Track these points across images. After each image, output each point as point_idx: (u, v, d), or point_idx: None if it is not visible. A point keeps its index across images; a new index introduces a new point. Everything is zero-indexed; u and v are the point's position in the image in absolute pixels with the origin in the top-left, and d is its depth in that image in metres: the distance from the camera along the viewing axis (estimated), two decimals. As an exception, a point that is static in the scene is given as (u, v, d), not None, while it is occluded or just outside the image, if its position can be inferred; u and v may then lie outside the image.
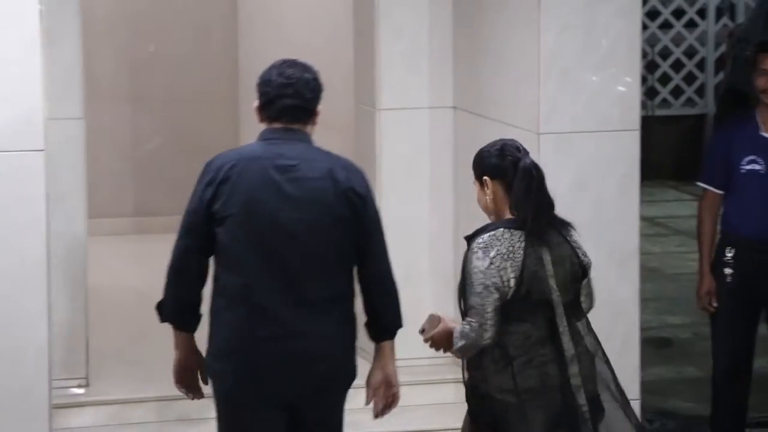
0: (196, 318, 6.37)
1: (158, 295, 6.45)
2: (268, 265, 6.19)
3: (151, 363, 8.74)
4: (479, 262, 6.17)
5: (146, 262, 10.83)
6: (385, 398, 6.43)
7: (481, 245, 6.18)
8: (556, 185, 7.95)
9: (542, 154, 7.95)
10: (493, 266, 6.15)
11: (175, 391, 8.01)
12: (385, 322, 6.39)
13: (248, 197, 6.20)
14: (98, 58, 10.95)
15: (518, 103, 8.11)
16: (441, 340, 6.27)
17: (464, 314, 6.25)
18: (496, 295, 6.15)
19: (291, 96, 6.31)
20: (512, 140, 6.41)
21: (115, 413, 8.25)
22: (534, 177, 6.25)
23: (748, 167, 8.19)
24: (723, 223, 8.32)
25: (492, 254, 6.16)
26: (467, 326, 6.18)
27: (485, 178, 6.29)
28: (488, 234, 6.20)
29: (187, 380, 6.43)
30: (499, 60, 8.32)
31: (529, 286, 6.19)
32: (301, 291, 6.20)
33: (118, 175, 11.50)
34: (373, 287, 6.35)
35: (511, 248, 6.17)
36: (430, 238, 8.77)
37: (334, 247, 6.26)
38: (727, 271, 8.22)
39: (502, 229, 6.21)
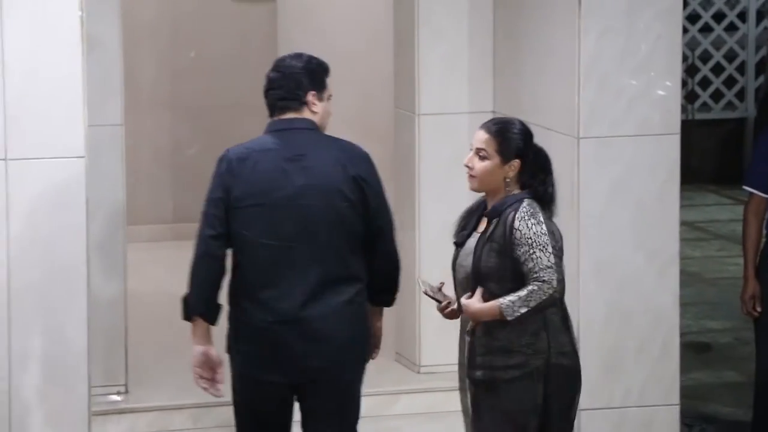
0: (218, 309, 6.66)
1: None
2: (282, 252, 6.52)
3: (190, 370, 8.74)
4: (537, 227, 6.30)
5: (185, 269, 10.88)
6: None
7: (528, 212, 6.31)
8: (596, 189, 7.97)
9: (582, 159, 7.94)
10: (547, 228, 6.32)
11: (214, 399, 8.04)
12: (388, 291, 6.77)
13: (262, 188, 6.54)
14: (139, 64, 10.97)
15: (558, 107, 8.09)
16: (484, 314, 6.32)
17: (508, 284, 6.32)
18: (560, 254, 6.36)
19: (276, 89, 6.66)
20: (523, 122, 6.54)
21: (154, 420, 8.26)
22: (551, 165, 6.48)
23: None
24: (768, 227, 8.30)
25: (541, 219, 6.33)
26: (542, 287, 6.26)
27: (516, 160, 6.38)
28: (526, 202, 6.34)
29: (207, 374, 6.68)
30: (539, 64, 8.31)
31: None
32: (313, 275, 6.54)
33: (157, 181, 11.51)
34: (382, 263, 6.70)
35: (544, 215, 6.37)
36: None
37: (345, 231, 6.58)
38: None
39: (530, 199, 6.37)
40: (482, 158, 6.40)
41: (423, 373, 8.65)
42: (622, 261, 8.02)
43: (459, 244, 6.50)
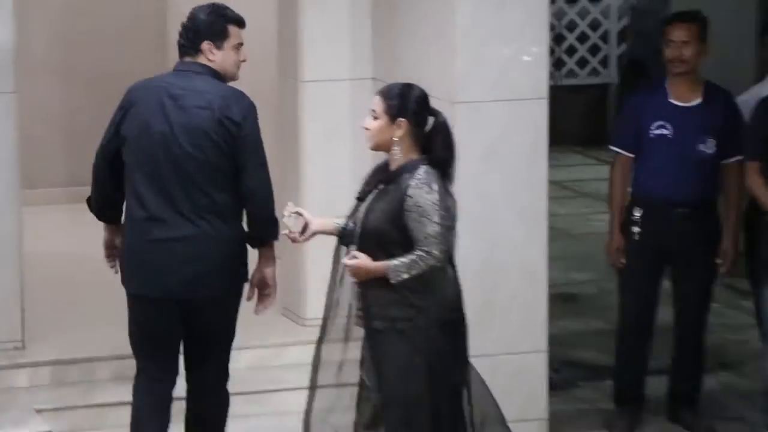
0: (114, 213, 7.17)
1: (91, 260, 7.11)
2: (155, 181, 6.90)
3: (86, 325, 8.73)
4: (430, 195, 6.38)
5: (79, 230, 10.82)
6: (262, 297, 7.09)
7: (422, 180, 6.40)
8: (469, 151, 8.02)
9: (457, 122, 7.97)
10: (440, 197, 6.39)
11: (108, 352, 8.06)
12: (258, 231, 7.00)
13: (142, 119, 6.96)
14: (32, 32, 10.85)
15: (434, 74, 8.09)
16: (371, 272, 6.44)
17: (395, 246, 6.42)
18: (450, 223, 6.42)
19: (181, 36, 7.07)
20: (421, 89, 6.62)
21: (50, 373, 8.20)
22: (451, 132, 6.58)
23: (657, 132, 8.27)
24: (633, 185, 8.39)
25: (435, 188, 6.40)
26: (421, 257, 6.36)
27: (401, 119, 6.48)
28: (422, 170, 6.43)
29: (111, 255, 7.21)
30: (416, 32, 8.31)
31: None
32: (182, 204, 6.88)
33: (51, 147, 11.43)
34: (248, 201, 6.96)
35: (440, 183, 6.45)
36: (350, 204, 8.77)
37: (210, 168, 6.87)
38: (635, 229, 8.31)
39: (427, 166, 6.46)
40: (374, 118, 6.53)
41: (309, 326, 8.68)
42: (495, 219, 8.06)
43: (360, 199, 6.62)
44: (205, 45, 7.00)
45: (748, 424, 8.41)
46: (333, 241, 7.70)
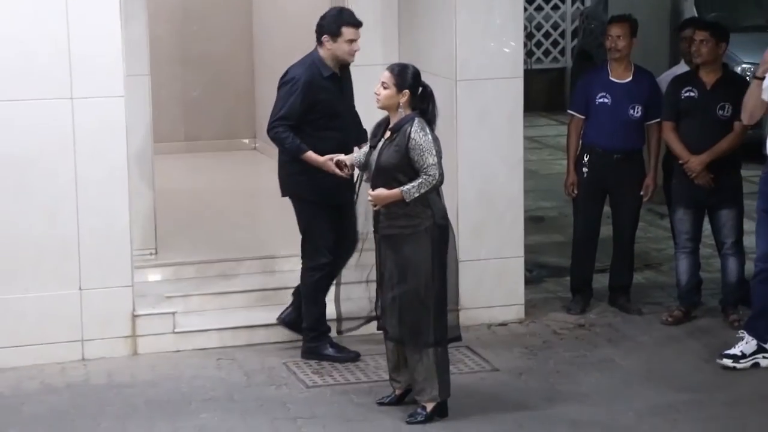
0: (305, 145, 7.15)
1: (203, 193, 6.42)
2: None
3: (199, 238, 8.74)
4: (427, 137, 6.43)
5: (195, 172, 10.84)
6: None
7: (418, 128, 6.43)
8: (467, 115, 7.97)
9: (458, 95, 7.93)
10: (432, 138, 6.45)
11: (216, 256, 8.02)
12: None
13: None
14: (160, 30, 10.79)
15: (441, 59, 8.03)
16: (389, 198, 6.46)
17: (403, 176, 6.45)
18: (440, 155, 6.48)
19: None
20: (415, 68, 6.61)
21: (176, 271, 8.18)
22: (434, 97, 6.57)
23: (600, 100, 8.21)
24: (583, 138, 8.33)
25: (428, 131, 6.45)
26: (427, 179, 6.41)
27: (405, 90, 6.48)
28: (417, 121, 6.45)
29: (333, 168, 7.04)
30: (429, 29, 8.20)
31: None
32: None
33: (173, 112, 11.40)
34: None
35: (430, 128, 6.51)
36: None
37: None
38: (584, 169, 8.26)
39: (419, 118, 6.47)
40: (385, 88, 6.51)
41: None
42: (486, 162, 8.01)
43: (373, 147, 6.60)
44: (324, 39, 7.17)
45: (664, 306, 8.38)
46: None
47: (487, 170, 8.03)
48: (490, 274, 8.06)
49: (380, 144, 6.56)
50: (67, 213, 7.34)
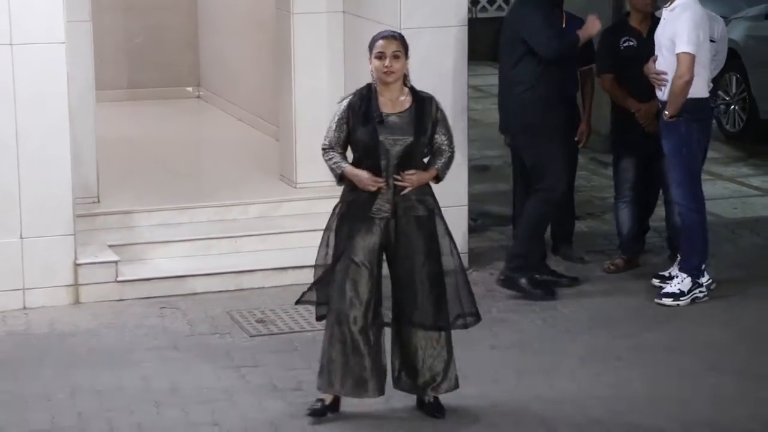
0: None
1: (142, 141, 6.33)
2: None
3: (142, 186, 8.67)
4: (446, 112, 6.02)
5: (138, 120, 10.75)
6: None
7: (438, 102, 5.98)
8: (411, 64, 7.87)
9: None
10: None
11: (162, 205, 7.95)
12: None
13: None
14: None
15: (388, 7, 7.98)
16: (425, 179, 5.95)
17: (425, 152, 5.94)
18: None
19: None
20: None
21: (119, 220, 8.13)
22: None
23: None
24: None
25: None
26: (450, 154, 5.97)
27: (408, 56, 5.95)
28: (432, 95, 5.99)
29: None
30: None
31: None
32: None
33: (116, 59, 11.27)
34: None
35: None
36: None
37: None
38: None
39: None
40: (397, 57, 5.86)
41: (299, 188, 8.64)
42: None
43: (381, 122, 5.86)
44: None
45: (606, 254, 8.43)
46: (312, 117, 7.40)
47: (431, 119, 7.98)
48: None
49: (393, 119, 5.86)
50: (8, 161, 7.25)
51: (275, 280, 7.72)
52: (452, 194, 8.07)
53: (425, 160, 6.05)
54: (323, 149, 6.00)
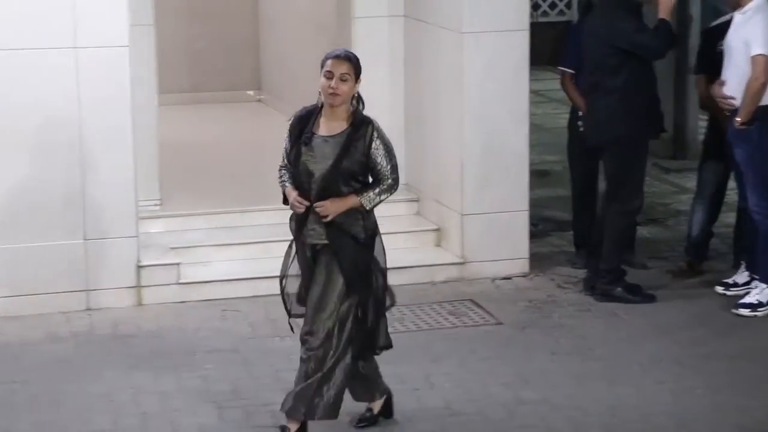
0: None
1: (209, 144, 6.35)
2: None
3: (204, 189, 8.74)
4: (387, 138, 5.70)
5: (200, 124, 10.83)
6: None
7: (379, 126, 5.67)
8: (473, 68, 7.92)
9: (464, 47, 7.88)
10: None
11: (224, 207, 8.00)
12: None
13: None
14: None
15: (448, 10, 7.98)
16: (346, 207, 5.63)
17: (358, 179, 5.65)
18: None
19: None
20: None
21: (181, 222, 8.19)
22: None
23: None
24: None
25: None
26: (390, 182, 5.66)
27: (358, 79, 5.66)
28: (375, 121, 5.67)
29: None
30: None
31: None
32: None
33: (178, 63, 11.36)
34: None
35: None
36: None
37: None
38: (579, 123, 8.21)
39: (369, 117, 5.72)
40: (344, 80, 5.59)
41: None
42: (491, 116, 7.99)
43: (305, 144, 5.64)
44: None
45: (668, 260, 8.38)
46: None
47: (493, 124, 7.99)
48: (495, 228, 8.06)
49: (319, 140, 5.63)
50: (72, 163, 7.33)
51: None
52: (514, 199, 8.10)
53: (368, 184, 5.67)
54: (279, 167, 5.82)
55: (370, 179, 5.74)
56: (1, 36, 7.15)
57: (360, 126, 5.64)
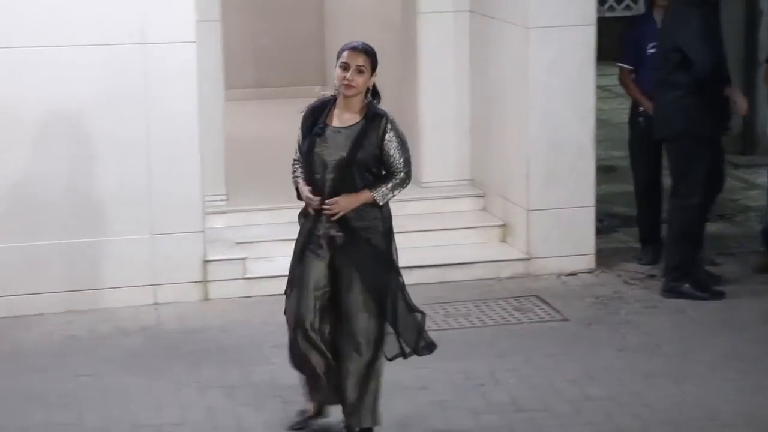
0: None
1: (274, 139, 6.35)
2: None
3: (269, 184, 8.76)
4: (401, 131, 5.66)
5: (265, 119, 10.88)
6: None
7: (394, 119, 5.64)
8: (540, 63, 7.90)
9: (530, 42, 7.85)
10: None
11: (288, 203, 8.01)
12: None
13: None
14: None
15: (515, 6, 7.96)
16: (358, 203, 5.61)
17: (372, 171, 5.60)
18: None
19: None
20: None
21: (246, 217, 8.24)
22: None
23: (652, 51, 8.09)
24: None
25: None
26: (403, 176, 5.62)
27: (375, 71, 5.66)
28: (389, 112, 5.63)
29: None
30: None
31: None
32: None
33: (244, 59, 11.42)
34: None
35: None
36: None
37: None
38: (640, 118, 8.16)
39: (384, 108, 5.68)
40: (361, 72, 5.59)
41: (424, 187, 8.68)
42: (557, 112, 7.96)
43: (319, 135, 5.63)
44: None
45: (737, 257, 8.29)
46: (436, 117, 7.36)
47: (559, 119, 7.96)
48: (561, 223, 8.03)
49: (331, 131, 5.60)
50: (139, 159, 7.40)
51: (400, 279, 7.75)
52: (580, 195, 8.06)
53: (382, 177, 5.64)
54: (293, 162, 5.81)
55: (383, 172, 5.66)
56: (71, 33, 7.23)
57: (373, 119, 5.59)
